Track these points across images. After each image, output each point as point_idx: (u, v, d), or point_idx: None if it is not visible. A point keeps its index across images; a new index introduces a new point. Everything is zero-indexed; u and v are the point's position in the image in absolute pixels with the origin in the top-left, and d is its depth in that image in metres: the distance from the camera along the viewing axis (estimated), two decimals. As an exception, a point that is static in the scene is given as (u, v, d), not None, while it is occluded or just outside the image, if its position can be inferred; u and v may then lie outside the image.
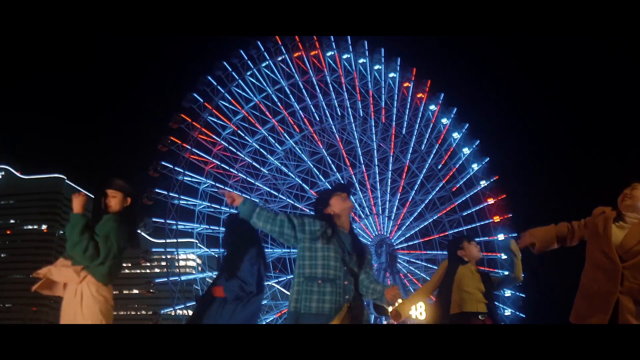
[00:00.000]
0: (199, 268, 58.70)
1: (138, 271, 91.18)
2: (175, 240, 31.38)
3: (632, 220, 4.66)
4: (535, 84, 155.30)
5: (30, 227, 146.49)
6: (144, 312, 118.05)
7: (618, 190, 4.82)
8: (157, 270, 69.87)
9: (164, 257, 31.97)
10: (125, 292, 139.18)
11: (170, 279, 29.92)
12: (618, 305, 4.41)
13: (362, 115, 40.42)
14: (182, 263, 41.95)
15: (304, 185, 36.99)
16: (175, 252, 30.51)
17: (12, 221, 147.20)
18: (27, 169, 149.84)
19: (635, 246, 4.50)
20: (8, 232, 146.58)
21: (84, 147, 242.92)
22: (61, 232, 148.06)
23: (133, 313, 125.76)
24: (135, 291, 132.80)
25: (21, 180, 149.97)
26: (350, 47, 40.52)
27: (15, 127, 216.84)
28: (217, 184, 33.45)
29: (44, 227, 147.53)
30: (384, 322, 35.41)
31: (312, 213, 4.74)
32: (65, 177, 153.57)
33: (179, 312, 30.52)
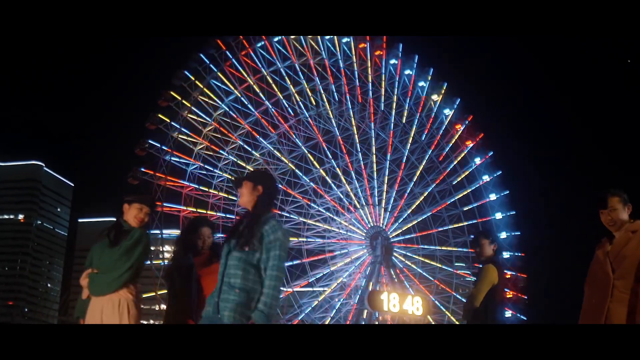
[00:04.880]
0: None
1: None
2: (160, 234, 31.74)
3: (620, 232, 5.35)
4: (543, 79, 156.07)
5: (6, 216, 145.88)
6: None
7: (596, 211, 5.44)
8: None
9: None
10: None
11: (153, 262, 30.30)
12: (609, 313, 5.03)
13: (360, 101, 40.70)
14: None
15: (297, 171, 37.34)
16: (160, 235, 30.98)
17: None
18: (2, 155, 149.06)
19: (621, 250, 5.19)
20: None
21: (63, 132, 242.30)
22: (39, 221, 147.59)
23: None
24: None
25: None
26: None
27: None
28: (206, 166, 33.88)
29: (20, 216, 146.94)
30: (378, 319, 35.82)
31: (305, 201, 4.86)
32: (44, 164, 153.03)
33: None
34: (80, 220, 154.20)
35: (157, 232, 32.10)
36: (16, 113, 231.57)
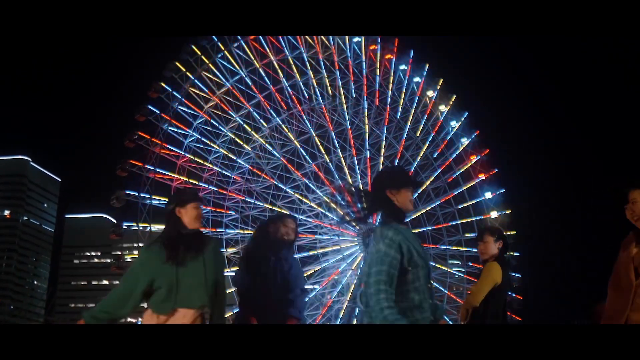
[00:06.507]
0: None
1: (108, 260, 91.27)
2: (148, 228, 31.70)
3: None
4: (541, 78, 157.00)
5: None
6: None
7: (620, 206, 4.95)
8: (129, 259, 69.81)
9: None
10: (94, 282, 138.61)
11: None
12: (628, 323, 4.57)
13: (354, 96, 40.74)
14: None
15: (289, 166, 37.33)
16: (148, 228, 30.90)
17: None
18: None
19: None
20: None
21: (50, 126, 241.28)
22: (25, 217, 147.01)
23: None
24: (105, 282, 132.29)
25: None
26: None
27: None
28: (196, 159, 34.01)
29: (6, 212, 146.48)
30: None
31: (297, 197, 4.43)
32: (30, 159, 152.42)
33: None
34: (67, 216, 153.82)
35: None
36: (1, 107, 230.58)
